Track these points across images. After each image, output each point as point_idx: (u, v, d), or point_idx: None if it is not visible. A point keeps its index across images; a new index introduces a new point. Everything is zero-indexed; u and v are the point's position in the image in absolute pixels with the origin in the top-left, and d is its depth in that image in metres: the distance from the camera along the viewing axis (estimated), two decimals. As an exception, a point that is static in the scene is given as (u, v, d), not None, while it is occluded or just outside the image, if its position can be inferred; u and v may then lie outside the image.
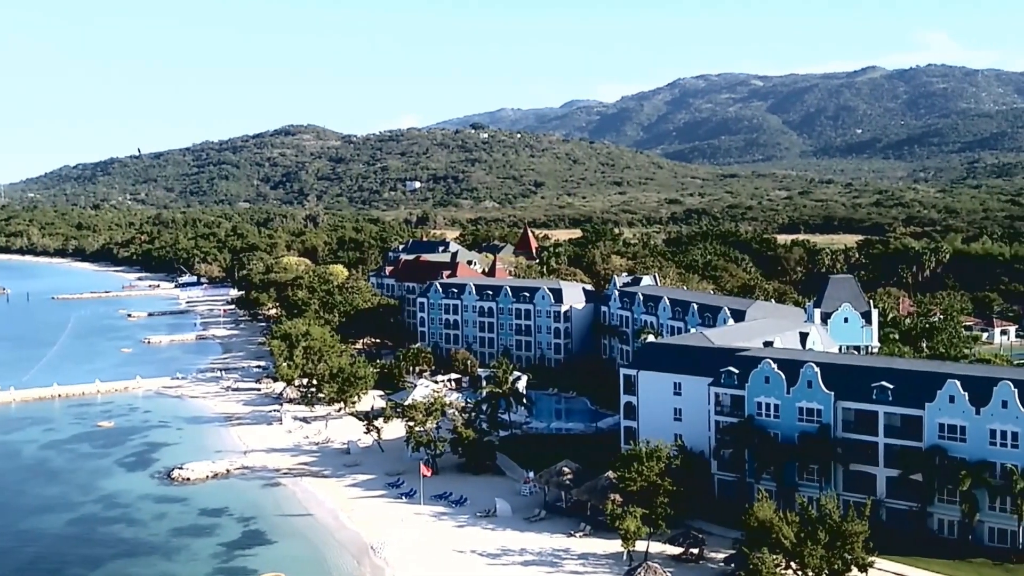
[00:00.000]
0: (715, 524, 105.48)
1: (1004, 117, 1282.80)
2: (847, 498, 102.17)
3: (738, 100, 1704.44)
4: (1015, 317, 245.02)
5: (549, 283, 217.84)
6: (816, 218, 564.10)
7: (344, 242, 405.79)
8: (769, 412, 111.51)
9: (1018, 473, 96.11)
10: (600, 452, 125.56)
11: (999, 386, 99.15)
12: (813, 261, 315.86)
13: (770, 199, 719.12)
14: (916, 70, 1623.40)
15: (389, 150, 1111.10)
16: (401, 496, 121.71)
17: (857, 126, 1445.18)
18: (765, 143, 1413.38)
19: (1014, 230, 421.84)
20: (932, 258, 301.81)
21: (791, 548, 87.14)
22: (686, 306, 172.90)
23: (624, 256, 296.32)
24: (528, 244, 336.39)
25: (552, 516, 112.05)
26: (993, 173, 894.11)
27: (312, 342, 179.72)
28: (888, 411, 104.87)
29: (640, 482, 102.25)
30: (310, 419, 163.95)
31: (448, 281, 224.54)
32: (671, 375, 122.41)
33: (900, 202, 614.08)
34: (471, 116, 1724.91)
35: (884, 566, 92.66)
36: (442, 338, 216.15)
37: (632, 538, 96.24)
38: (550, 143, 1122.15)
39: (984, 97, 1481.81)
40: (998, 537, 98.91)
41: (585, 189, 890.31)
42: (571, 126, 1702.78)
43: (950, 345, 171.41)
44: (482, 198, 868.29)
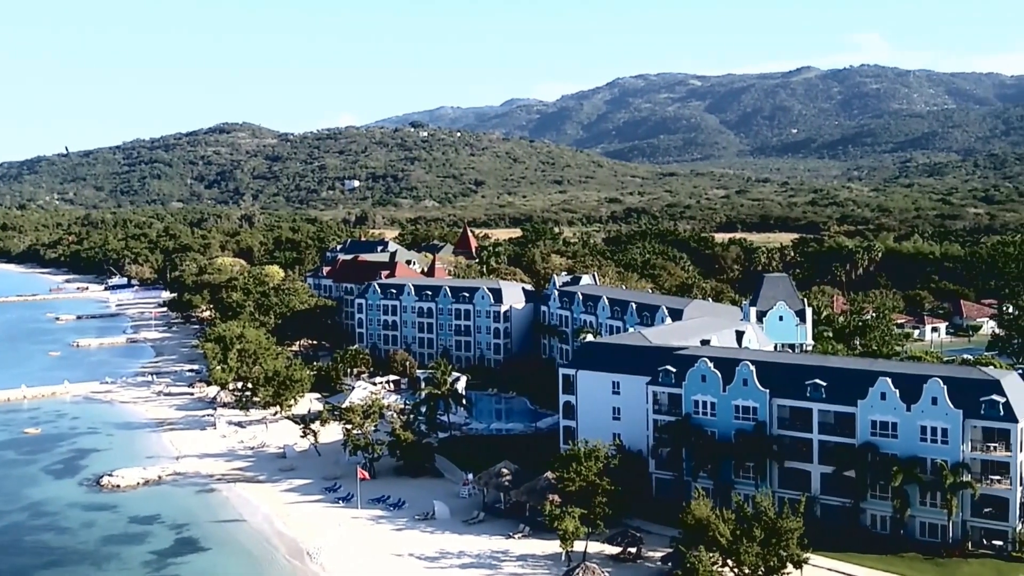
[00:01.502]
0: (653, 523, 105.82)
1: (935, 117, 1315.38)
2: (782, 495, 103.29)
3: (676, 100, 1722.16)
4: (945, 314, 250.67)
5: (489, 283, 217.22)
6: (753, 217, 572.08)
7: (280, 242, 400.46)
8: (706, 410, 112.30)
9: (948, 468, 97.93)
10: (539, 452, 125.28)
11: (929, 383, 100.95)
12: (750, 259, 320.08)
13: (708, 198, 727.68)
14: (849, 71, 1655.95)
15: (327, 148, 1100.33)
16: (338, 500, 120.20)
17: (792, 126, 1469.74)
18: (703, 142, 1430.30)
19: (944, 229, 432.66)
20: (865, 256, 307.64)
21: (727, 546, 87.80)
22: (625, 305, 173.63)
23: (564, 255, 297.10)
24: (468, 243, 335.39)
25: (491, 518, 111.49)
26: (924, 172, 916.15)
27: (247, 345, 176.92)
28: (822, 408, 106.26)
29: (579, 482, 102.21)
30: (245, 423, 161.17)
31: (387, 281, 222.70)
32: (610, 374, 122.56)
33: (834, 201, 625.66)
34: (410, 114, 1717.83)
35: (818, 562, 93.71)
36: (380, 339, 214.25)
37: (570, 538, 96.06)
38: (490, 142, 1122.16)
39: (916, 98, 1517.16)
40: (929, 532, 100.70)
41: (525, 188, 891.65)
42: (511, 125, 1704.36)
43: (882, 343, 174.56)
44: (422, 197, 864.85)
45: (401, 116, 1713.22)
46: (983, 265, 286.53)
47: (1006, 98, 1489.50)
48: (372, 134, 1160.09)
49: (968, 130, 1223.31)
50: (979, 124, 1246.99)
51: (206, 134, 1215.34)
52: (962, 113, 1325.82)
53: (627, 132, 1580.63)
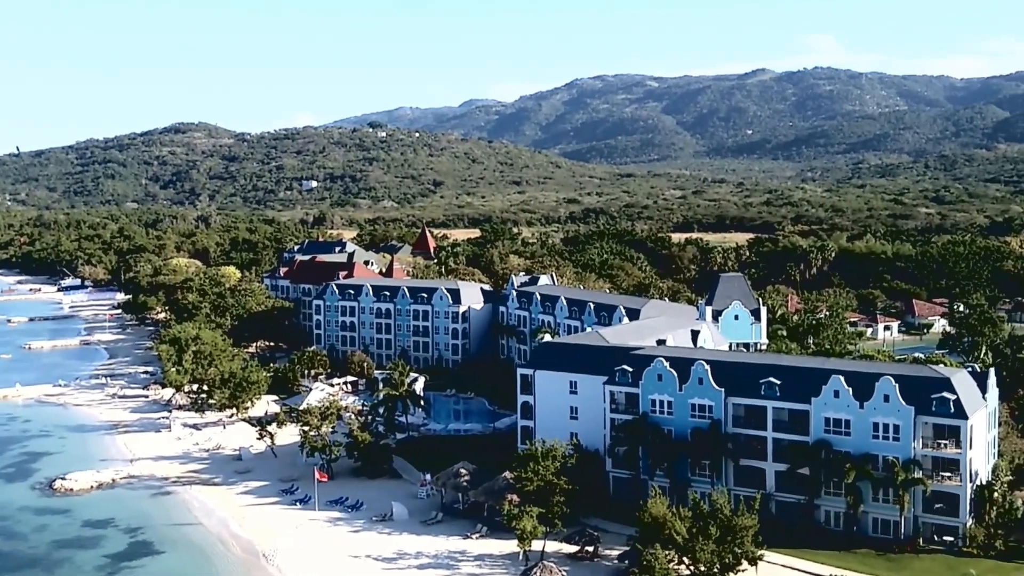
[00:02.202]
0: (610, 521, 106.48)
1: (887, 119, 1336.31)
2: (738, 492, 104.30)
3: (634, 101, 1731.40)
4: (897, 313, 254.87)
5: (447, 283, 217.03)
6: (709, 217, 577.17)
7: (237, 243, 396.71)
8: (662, 409, 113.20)
9: (899, 465, 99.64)
10: (498, 452, 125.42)
11: (881, 381, 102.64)
12: (706, 259, 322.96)
13: (665, 198, 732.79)
14: (803, 73, 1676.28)
15: (284, 149, 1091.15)
16: (295, 503, 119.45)
17: (748, 127, 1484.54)
18: (660, 143, 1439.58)
19: (896, 229, 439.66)
20: (819, 256, 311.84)
21: (683, 544, 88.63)
22: (583, 305, 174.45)
23: (522, 256, 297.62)
24: (426, 244, 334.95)
25: (449, 518, 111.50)
26: (877, 173, 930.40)
27: (203, 346, 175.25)
28: (776, 406, 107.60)
29: (536, 482, 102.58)
30: (200, 425, 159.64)
31: (344, 282, 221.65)
32: (567, 374, 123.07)
33: (789, 201, 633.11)
34: (369, 115, 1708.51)
35: (773, 559, 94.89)
36: (338, 340, 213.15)
37: (528, 538, 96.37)
38: (449, 142, 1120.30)
39: (868, 99, 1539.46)
40: (881, 528, 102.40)
41: (484, 188, 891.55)
42: (470, 125, 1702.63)
43: (835, 341, 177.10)
44: (380, 198, 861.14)
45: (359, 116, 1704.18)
46: (934, 264, 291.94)
47: (956, 100, 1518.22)
48: (330, 134, 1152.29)
49: (919, 132, 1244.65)
50: (930, 126, 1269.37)
51: (161, 134, 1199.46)
52: (913, 115, 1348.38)
53: (585, 133, 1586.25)
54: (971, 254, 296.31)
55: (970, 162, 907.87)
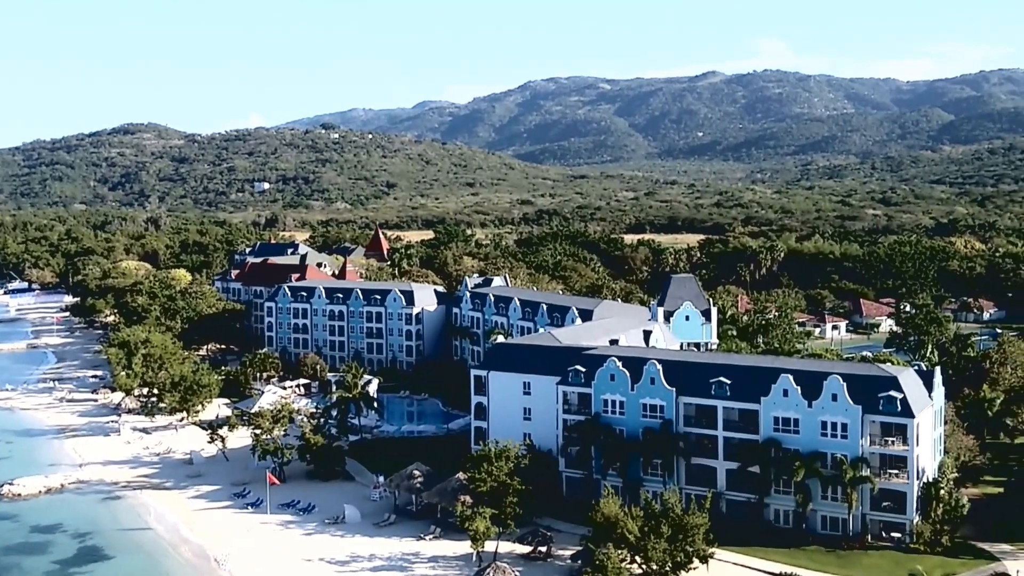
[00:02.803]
0: (563, 521, 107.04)
1: (835, 121, 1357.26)
2: (689, 491, 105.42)
3: (587, 103, 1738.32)
4: (845, 313, 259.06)
5: (401, 285, 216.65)
6: (661, 218, 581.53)
7: (188, 245, 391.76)
8: (615, 409, 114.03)
9: (847, 463, 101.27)
10: (451, 454, 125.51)
11: (829, 380, 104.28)
12: (658, 260, 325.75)
13: (618, 200, 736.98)
14: (753, 75, 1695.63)
15: (236, 150, 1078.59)
16: (247, 506, 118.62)
17: (699, 129, 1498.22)
18: (613, 145, 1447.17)
19: (844, 229, 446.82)
20: (768, 257, 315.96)
21: (635, 543, 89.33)
22: (536, 306, 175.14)
23: (476, 257, 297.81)
24: (379, 246, 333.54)
25: (402, 520, 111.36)
26: (825, 175, 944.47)
27: (152, 350, 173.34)
28: (727, 406, 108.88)
29: (490, 483, 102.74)
30: (150, 429, 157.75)
31: (297, 284, 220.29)
32: (520, 375, 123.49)
33: (739, 203, 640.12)
34: (321, 116, 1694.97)
35: (724, 557, 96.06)
36: (290, 343, 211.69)
37: (481, 539, 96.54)
38: (402, 144, 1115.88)
39: (816, 102, 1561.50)
40: (830, 525, 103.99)
41: (438, 190, 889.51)
42: (423, 127, 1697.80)
43: (784, 341, 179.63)
44: (333, 199, 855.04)
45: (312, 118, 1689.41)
46: (881, 265, 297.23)
47: (902, 103, 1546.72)
48: (282, 136, 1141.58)
49: (866, 134, 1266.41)
50: (876, 128, 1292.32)
51: (110, 135, 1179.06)
52: (860, 117, 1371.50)
53: (538, 135, 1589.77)
54: (917, 254, 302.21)
55: (916, 164, 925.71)
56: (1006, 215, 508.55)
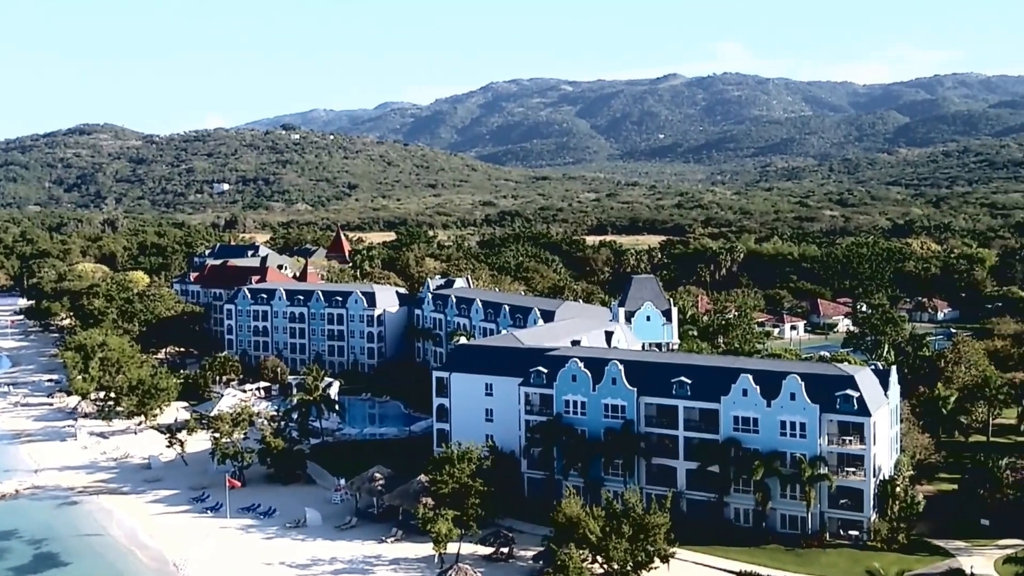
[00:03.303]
0: (525, 522, 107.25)
1: (793, 124, 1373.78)
2: (650, 491, 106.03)
3: (549, 105, 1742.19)
4: (803, 313, 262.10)
5: (362, 287, 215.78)
6: (622, 219, 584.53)
7: (145, 247, 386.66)
8: (576, 410, 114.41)
9: (806, 462, 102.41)
10: (413, 456, 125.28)
11: (787, 380, 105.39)
12: (619, 261, 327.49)
13: (580, 201, 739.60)
14: (713, 78, 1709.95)
15: (195, 151, 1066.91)
16: (206, 510, 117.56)
17: (660, 131, 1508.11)
18: (575, 146, 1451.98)
19: (802, 231, 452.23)
20: (728, 258, 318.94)
21: (597, 543, 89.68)
22: (498, 308, 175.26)
23: (438, 259, 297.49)
24: (341, 247, 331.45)
25: (364, 523, 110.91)
26: (783, 176, 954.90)
27: (109, 353, 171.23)
28: (687, 406, 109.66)
29: (452, 484, 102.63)
30: (108, 434, 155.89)
31: (257, 286, 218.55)
32: (483, 376, 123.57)
33: (699, 204, 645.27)
34: (282, 116, 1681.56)
35: (684, 556, 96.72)
36: (251, 345, 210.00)
37: (444, 540, 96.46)
38: (364, 145, 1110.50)
39: (775, 105, 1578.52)
40: (789, 523, 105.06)
41: (400, 191, 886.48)
42: (385, 128, 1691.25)
43: (744, 341, 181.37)
44: (294, 200, 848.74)
45: (272, 118, 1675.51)
46: (838, 265, 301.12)
47: (859, 106, 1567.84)
48: (242, 136, 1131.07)
49: (824, 136, 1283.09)
50: (834, 130, 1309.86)
51: (65, 135, 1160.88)
52: (818, 120, 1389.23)
53: (501, 136, 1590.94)
54: (873, 255, 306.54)
55: (872, 166, 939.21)
56: (960, 216, 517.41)
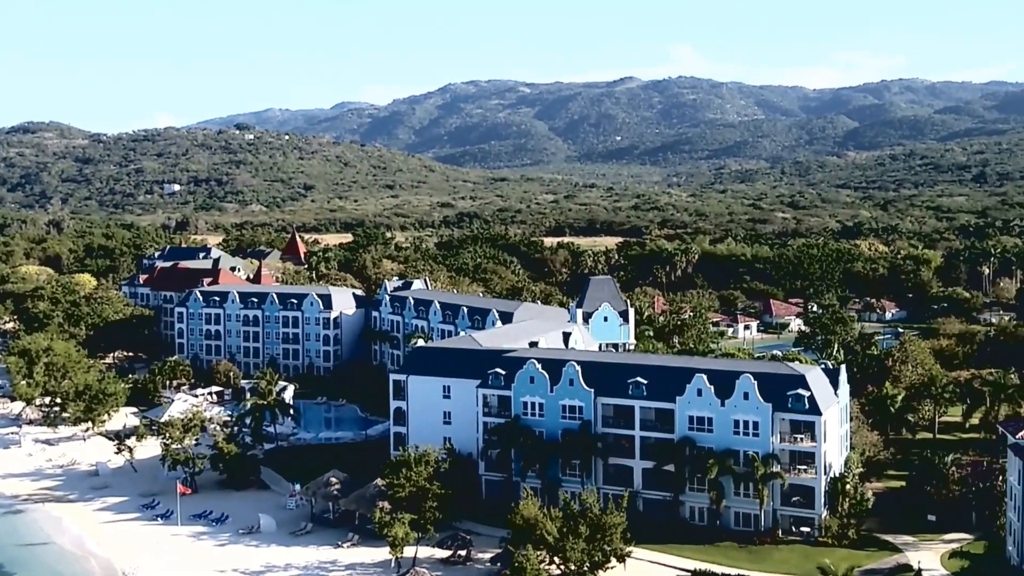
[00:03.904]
0: (482, 524, 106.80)
1: (746, 127, 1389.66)
2: (607, 491, 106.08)
3: (507, 106, 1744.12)
4: (756, 313, 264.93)
5: (318, 289, 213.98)
6: (580, 221, 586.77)
7: (92, 249, 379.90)
8: (534, 411, 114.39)
9: (759, 460, 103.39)
10: (370, 460, 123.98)
11: (741, 379, 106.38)
12: (577, 263, 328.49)
13: (538, 202, 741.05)
14: (668, 82, 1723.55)
15: (144, 150, 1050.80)
16: (157, 517, 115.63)
17: (617, 133, 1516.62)
18: (533, 148, 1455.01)
19: (755, 232, 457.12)
20: (683, 259, 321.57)
21: (554, 543, 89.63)
22: (456, 309, 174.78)
23: (396, 260, 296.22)
24: (296, 249, 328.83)
25: (319, 528, 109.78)
26: (737, 179, 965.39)
27: (55, 358, 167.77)
28: (643, 406, 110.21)
29: (409, 488, 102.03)
30: (54, 440, 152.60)
31: (209, 289, 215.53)
32: (440, 379, 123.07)
33: (656, 206, 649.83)
34: (235, 116, 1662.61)
35: (640, 555, 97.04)
36: (203, 349, 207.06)
37: (400, 545, 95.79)
38: (320, 145, 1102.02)
39: (729, 108, 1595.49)
40: (743, 521, 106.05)
41: (357, 192, 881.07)
42: (342, 128, 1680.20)
43: (699, 341, 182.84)
44: (248, 201, 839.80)
45: (225, 118, 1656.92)
46: (790, 266, 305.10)
47: (809, 110, 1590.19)
48: (194, 136, 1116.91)
49: (776, 139, 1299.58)
50: (785, 134, 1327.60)
51: (8, 134, 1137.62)
52: (770, 123, 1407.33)
53: (459, 137, 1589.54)
54: (824, 256, 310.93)
55: (822, 169, 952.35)
56: (907, 219, 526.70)
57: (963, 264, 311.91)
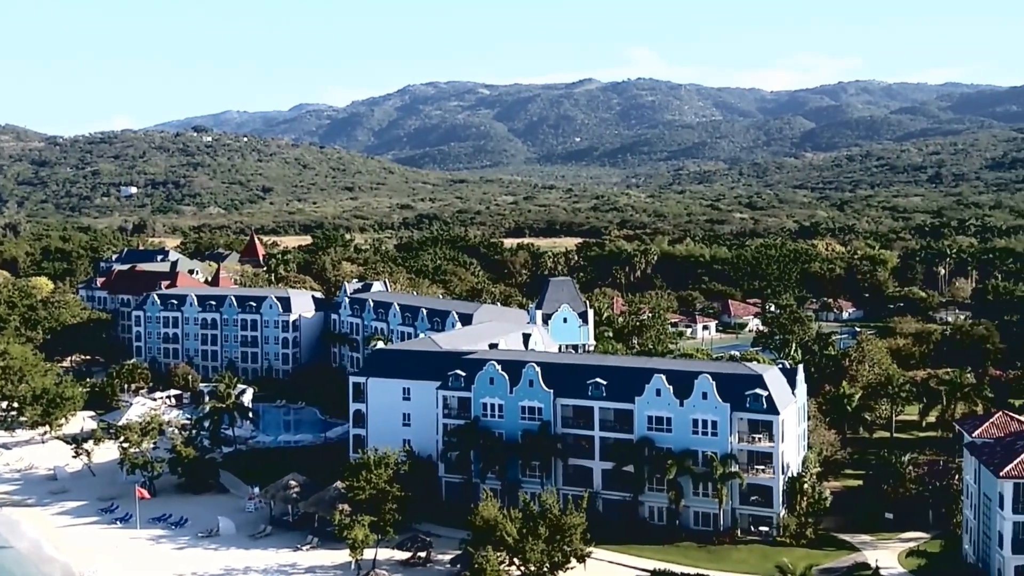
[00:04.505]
0: (442, 526, 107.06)
1: (704, 128, 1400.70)
2: (567, 492, 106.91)
3: (466, 108, 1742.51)
4: (715, 313, 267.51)
5: (277, 292, 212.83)
6: (540, 222, 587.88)
7: (49, 252, 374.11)
8: (494, 413, 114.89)
9: (717, 460, 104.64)
10: (329, 463, 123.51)
11: (699, 379, 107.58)
12: (536, 264, 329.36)
13: (497, 204, 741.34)
14: (627, 83, 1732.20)
15: (101, 153, 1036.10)
16: (115, 521, 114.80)
17: (576, 135, 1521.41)
18: (492, 149, 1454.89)
19: (714, 233, 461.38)
20: (642, 260, 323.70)
21: (514, 544, 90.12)
22: (416, 311, 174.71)
23: (355, 262, 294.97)
24: (255, 251, 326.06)
25: (278, 531, 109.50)
26: (695, 180, 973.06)
27: (12, 362, 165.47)
28: (603, 406, 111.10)
29: (368, 490, 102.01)
30: (11, 445, 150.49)
31: (167, 292, 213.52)
32: (400, 381, 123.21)
33: (615, 207, 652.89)
34: (193, 118, 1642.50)
35: (600, 555, 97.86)
36: (160, 352, 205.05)
37: (360, 547, 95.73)
38: (279, 147, 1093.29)
39: (687, 110, 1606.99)
40: (702, 520, 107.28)
41: (316, 194, 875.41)
42: (300, 130, 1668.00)
43: (658, 341, 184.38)
44: (206, 204, 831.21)
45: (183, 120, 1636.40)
46: (748, 267, 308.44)
47: (767, 112, 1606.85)
48: (151, 138, 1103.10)
49: (734, 141, 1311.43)
50: (743, 135, 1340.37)
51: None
52: (728, 125, 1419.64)
53: (418, 139, 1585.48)
54: (781, 257, 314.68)
55: (780, 170, 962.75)
56: (863, 219, 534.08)
57: (919, 264, 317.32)
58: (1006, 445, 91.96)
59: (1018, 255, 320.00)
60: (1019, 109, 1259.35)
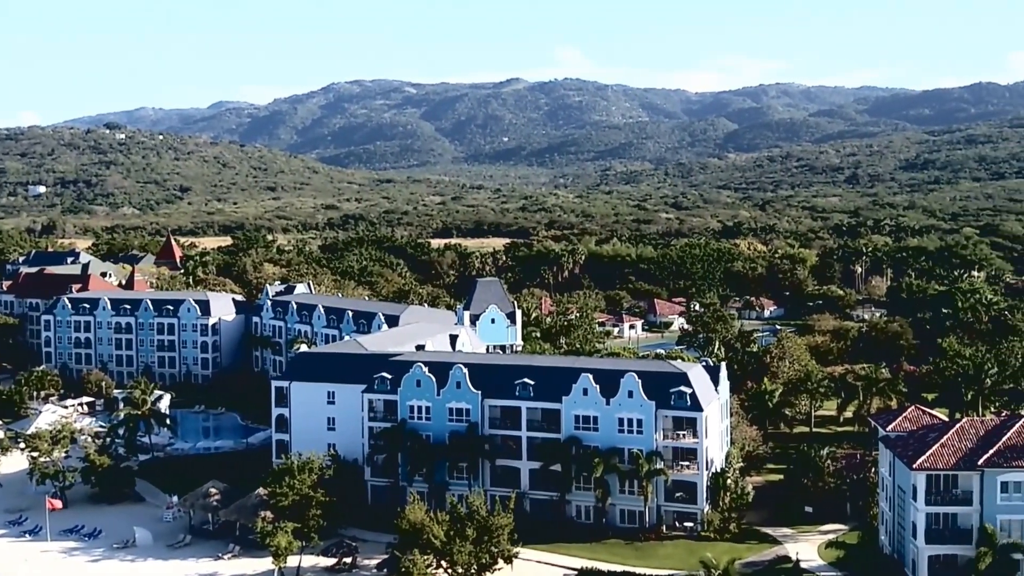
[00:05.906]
0: (369, 530, 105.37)
1: (631, 129, 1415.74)
2: (494, 493, 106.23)
3: (393, 107, 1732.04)
4: (641, 313, 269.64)
5: (195, 295, 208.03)
6: (468, 222, 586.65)
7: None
8: (421, 415, 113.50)
9: (643, 457, 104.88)
10: (251, 469, 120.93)
11: (625, 378, 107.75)
12: (464, 264, 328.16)
13: (425, 204, 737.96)
14: (555, 83, 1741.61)
15: (6, 150, 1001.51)
16: (24, 534, 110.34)
17: (504, 134, 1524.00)
18: (419, 149, 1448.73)
19: (640, 233, 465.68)
20: (570, 260, 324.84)
21: (441, 547, 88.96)
22: (341, 313, 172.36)
23: (278, 264, 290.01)
24: (172, 253, 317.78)
25: (198, 540, 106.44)
26: (622, 180, 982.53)
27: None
28: (530, 407, 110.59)
29: (292, 496, 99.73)
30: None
31: (78, 296, 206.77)
32: (325, 384, 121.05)
33: (543, 207, 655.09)
34: (105, 115, 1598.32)
35: (528, 555, 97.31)
36: (72, 358, 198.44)
37: (284, 554, 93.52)
38: (197, 145, 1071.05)
39: (614, 110, 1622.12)
40: (628, 518, 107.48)
41: (236, 194, 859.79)
42: (220, 128, 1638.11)
43: (585, 341, 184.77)
44: (120, 204, 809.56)
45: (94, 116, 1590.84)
46: (673, 266, 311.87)
47: (691, 113, 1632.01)
48: (60, 135, 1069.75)
49: (659, 141, 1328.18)
50: (669, 136, 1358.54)
51: None
52: (654, 125, 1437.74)
53: (343, 138, 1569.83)
54: (705, 256, 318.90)
55: (704, 170, 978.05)
56: (784, 219, 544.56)
57: (837, 263, 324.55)
58: (919, 438, 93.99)
59: (930, 254, 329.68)
60: (931, 112, 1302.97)
